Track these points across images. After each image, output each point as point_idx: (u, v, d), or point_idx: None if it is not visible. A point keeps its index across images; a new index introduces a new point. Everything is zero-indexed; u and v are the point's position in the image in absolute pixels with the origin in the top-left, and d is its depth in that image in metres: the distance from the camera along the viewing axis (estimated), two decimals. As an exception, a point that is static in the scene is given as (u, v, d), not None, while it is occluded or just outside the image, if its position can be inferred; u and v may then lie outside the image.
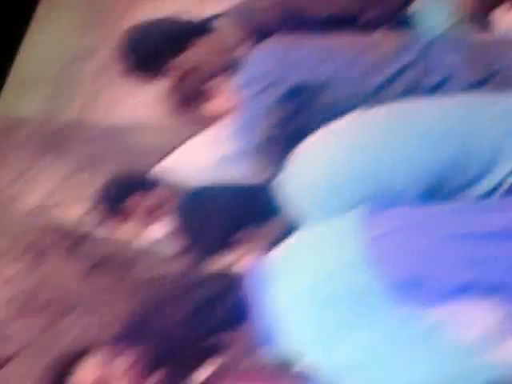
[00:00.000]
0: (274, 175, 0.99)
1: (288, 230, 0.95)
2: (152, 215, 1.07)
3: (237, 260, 0.99)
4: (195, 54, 1.10)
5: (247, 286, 0.89)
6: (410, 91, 1.03)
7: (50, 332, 1.02)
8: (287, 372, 0.87)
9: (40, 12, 1.41)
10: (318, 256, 0.89)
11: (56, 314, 1.03)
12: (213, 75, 1.07)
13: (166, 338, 0.89)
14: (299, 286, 0.86)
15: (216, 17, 1.10)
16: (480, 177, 0.94)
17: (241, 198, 1.02)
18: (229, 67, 1.06)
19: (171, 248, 1.03)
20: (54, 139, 1.26)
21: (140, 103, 1.24)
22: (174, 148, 1.13)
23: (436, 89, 1.02)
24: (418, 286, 0.82)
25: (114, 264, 1.10)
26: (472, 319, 0.82)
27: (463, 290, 0.83)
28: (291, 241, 0.93)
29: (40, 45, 1.40)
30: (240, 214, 1.01)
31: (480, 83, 1.02)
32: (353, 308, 0.84)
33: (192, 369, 0.92)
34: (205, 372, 0.97)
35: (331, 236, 0.93)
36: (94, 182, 1.10)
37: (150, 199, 1.07)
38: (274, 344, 0.85)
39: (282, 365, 0.85)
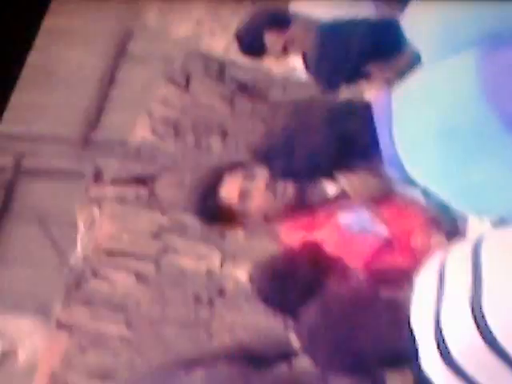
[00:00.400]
0: (401, 10, 1.00)
1: (414, 64, 0.98)
2: (288, 49, 1.09)
3: (366, 90, 1.05)
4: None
5: (376, 114, 0.96)
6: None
7: (198, 149, 1.12)
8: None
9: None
10: (440, 91, 0.94)
11: (203, 133, 1.14)
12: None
13: (299, 158, 0.95)
14: (424, 119, 0.90)
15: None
16: None
17: (370, 32, 1.04)
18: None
19: (307, 77, 1.09)
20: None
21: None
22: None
23: None
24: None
25: (255, 89, 1.17)
26: None
27: None
28: (415, 75, 1.00)
29: None
30: (369, 47, 1.05)
31: None
32: (475, 139, 0.90)
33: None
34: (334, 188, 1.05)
35: (451, 72, 0.98)
36: (237, 16, 1.16)
37: (286, 35, 1.09)
38: (401, 169, 0.93)
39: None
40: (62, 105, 1.22)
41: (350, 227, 1.00)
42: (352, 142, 0.98)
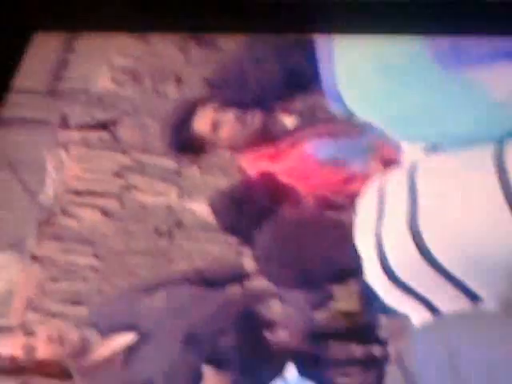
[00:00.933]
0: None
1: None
2: None
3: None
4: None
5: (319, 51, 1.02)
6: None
7: (155, 95, 1.17)
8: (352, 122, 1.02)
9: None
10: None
11: (159, 80, 1.18)
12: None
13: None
14: (363, 56, 0.99)
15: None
16: None
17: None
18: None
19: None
20: None
21: None
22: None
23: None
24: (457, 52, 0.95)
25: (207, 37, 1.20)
26: (503, 79, 0.94)
27: (497, 55, 0.95)
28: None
29: None
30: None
31: None
32: (409, 74, 0.98)
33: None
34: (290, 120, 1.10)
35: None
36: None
37: None
38: (342, 103, 0.98)
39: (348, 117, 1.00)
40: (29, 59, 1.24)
41: (315, 156, 1.07)
42: (297, 75, 1.05)
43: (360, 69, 0.99)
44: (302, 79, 1.09)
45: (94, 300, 0.99)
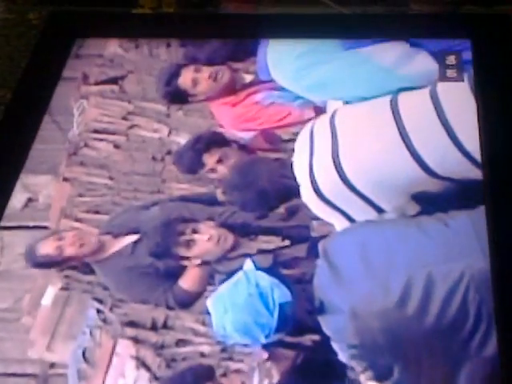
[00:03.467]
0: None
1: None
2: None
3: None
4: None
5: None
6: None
7: (150, 57, 1.31)
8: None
9: None
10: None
11: (153, 45, 1.31)
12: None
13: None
14: (291, 46, 1.12)
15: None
16: None
17: None
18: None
19: None
20: None
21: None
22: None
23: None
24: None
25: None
26: (389, 51, 1.07)
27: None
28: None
29: None
30: None
31: None
32: (320, 54, 1.12)
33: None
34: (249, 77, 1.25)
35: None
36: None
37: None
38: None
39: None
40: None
41: (262, 102, 1.21)
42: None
43: (284, 54, 1.16)
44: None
45: (108, 209, 1.16)
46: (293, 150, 1.12)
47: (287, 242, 1.05)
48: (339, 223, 1.00)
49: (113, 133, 1.22)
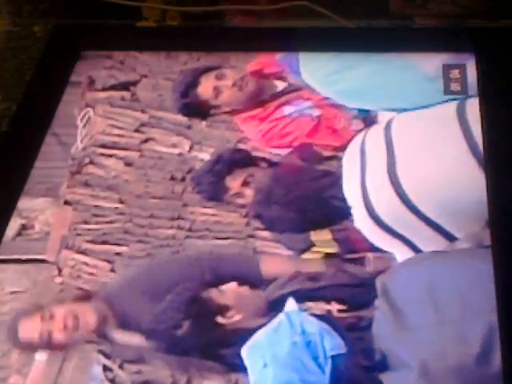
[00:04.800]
0: None
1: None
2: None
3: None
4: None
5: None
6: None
7: (168, 59, 1.16)
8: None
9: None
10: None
11: None
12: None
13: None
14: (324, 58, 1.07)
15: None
16: None
17: None
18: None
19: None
20: None
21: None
22: None
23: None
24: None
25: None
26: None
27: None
28: None
29: None
30: None
31: None
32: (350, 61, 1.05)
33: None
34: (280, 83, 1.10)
35: None
36: None
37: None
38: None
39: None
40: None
41: (291, 115, 1.07)
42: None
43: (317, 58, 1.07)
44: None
45: (119, 239, 1.00)
46: (339, 168, 1.00)
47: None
48: (401, 253, 0.91)
49: (123, 148, 1.09)
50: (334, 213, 0.98)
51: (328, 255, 0.94)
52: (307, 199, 0.99)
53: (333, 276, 0.92)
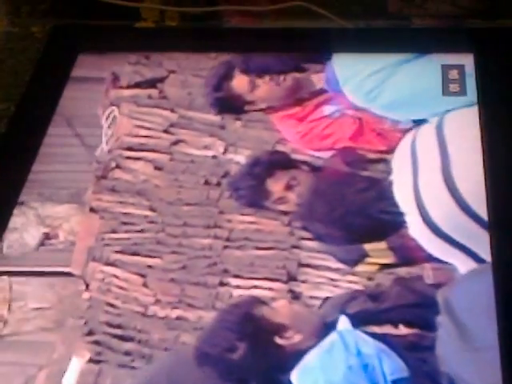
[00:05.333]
0: None
1: None
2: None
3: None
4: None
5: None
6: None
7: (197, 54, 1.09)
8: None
9: None
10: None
11: None
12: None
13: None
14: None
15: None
16: None
17: None
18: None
19: None
20: None
21: None
22: None
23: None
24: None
25: None
26: None
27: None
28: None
29: None
30: None
31: None
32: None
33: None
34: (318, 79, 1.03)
35: None
36: None
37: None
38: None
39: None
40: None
41: (332, 115, 0.99)
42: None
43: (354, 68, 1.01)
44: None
45: (151, 250, 0.92)
46: (387, 172, 0.92)
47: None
48: (463, 264, 0.84)
49: (152, 150, 1.00)
50: (384, 227, 0.89)
51: (384, 266, 0.86)
52: (354, 216, 0.91)
53: (397, 295, 0.84)
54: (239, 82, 1.02)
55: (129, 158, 1.00)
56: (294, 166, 0.96)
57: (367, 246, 0.88)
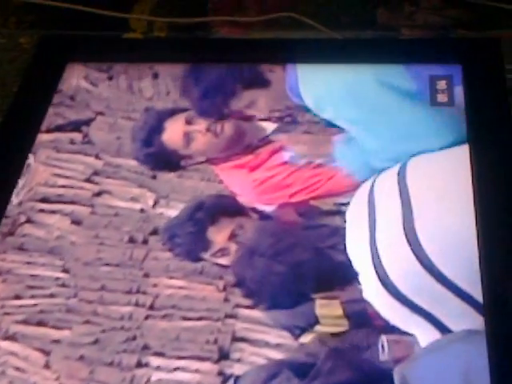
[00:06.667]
0: None
1: None
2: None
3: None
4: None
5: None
6: None
7: (130, 93, 0.95)
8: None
9: None
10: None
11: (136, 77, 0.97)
12: None
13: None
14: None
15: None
16: None
17: None
18: None
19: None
20: None
21: None
22: None
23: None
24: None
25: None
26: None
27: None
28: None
29: None
30: None
31: None
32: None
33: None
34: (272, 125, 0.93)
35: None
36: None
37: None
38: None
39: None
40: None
41: (294, 161, 0.88)
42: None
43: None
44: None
45: (59, 320, 0.78)
46: (341, 223, 0.79)
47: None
48: (424, 334, 0.71)
49: (71, 202, 0.86)
50: (335, 268, 0.76)
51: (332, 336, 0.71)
52: (301, 249, 0.77)
53: (333, 369, 0.69)
54: (172, 136, 0.88)
55: (42, 210, 0.85)
56: (242, 212, 0.82)
57: (320, 310, 0.73)
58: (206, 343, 0.72)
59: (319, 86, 0.93)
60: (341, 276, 0.76)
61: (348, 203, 0.80)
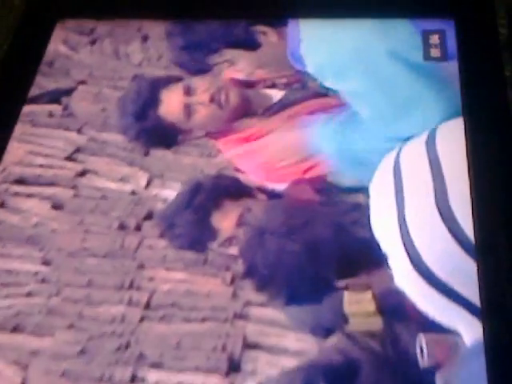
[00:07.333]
0: None
1: None
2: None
3: None
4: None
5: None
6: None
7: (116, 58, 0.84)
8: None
9: None
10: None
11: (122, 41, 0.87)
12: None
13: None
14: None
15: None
16: None
17: None
18: None
19: None
20: None
21: None
22: None
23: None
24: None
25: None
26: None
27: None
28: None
29: None
30: None
31: None
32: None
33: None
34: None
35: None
36: None
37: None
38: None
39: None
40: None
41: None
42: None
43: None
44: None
45: (38, 326, 0.67)
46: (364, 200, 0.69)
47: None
48: (469, 330, 0.61)
49: (50, 183, 0.75)
50: (360, 246, 0.66)
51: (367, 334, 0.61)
52: (318, 225, 0.68)
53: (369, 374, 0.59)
54: (170, 110, 0.77)
55: (18, 194, 0.75)
56: (248, 193, 0.72)
57: (348, 307, 0.62)
58: (213, 351, 0.61)
59: (322, 52, 0.84)
60: (366, 257, 0.66)
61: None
